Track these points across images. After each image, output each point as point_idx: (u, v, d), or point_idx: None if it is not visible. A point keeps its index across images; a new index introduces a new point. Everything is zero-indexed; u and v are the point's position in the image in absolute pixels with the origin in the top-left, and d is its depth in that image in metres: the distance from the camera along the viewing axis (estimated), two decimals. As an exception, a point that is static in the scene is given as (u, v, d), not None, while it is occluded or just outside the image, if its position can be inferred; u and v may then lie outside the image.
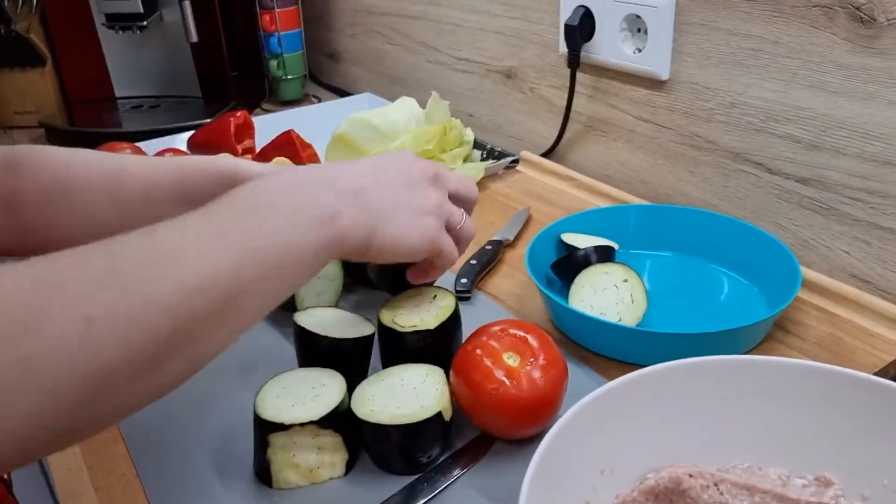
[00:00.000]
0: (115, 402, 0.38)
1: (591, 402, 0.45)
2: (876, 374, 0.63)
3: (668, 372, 0.48)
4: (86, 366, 0.35)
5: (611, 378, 0.62)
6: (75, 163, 0.60)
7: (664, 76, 0.89)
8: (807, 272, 0.74)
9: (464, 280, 0.78)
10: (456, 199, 0.61)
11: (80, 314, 0.35)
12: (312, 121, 1.25)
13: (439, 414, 0.54)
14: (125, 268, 0.38)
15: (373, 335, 0.62)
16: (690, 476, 0.47)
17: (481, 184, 1.03)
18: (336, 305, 0.72)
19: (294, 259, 0.46)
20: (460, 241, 0.61)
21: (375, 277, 0.72)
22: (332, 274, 0.73)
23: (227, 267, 0.41)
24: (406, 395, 0.55)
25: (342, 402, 0.54)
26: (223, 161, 0.61)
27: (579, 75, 1.00)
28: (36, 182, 0.59)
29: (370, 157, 0.58)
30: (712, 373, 0.49)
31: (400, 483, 0.54)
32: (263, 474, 0.54)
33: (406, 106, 1.06)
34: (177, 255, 0.40)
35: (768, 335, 0.68)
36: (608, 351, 0.67)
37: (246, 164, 0.60)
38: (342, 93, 1.55)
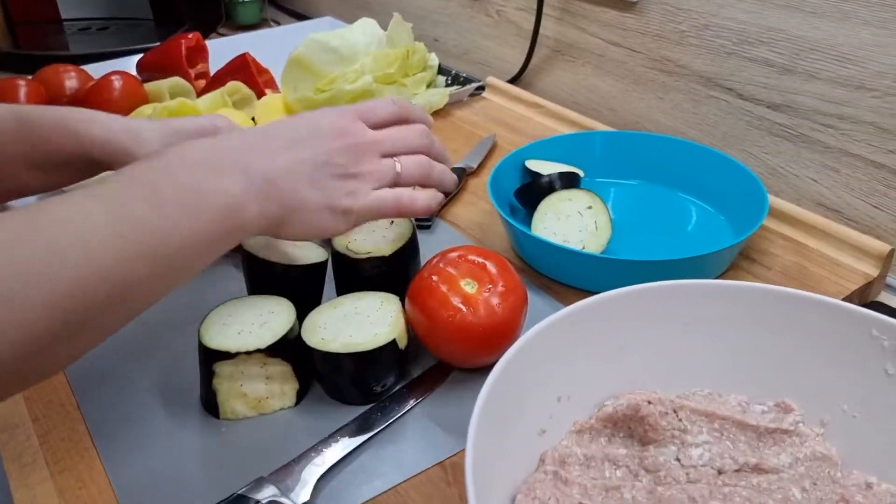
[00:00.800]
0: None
1: (546, 327, 0.43)
2: (840, 301, 0.62)
3: (628, 297, 0.46)
4: None
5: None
6: None
7: (635, -4, 0.86)
8: (774, 200, 0.72)
9: (424, 208, 0.75)
10: (403, 122, 0.57)
11: None
12: (270, 45, 1.19)
13: (393, 342, 0.51)
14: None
15: (326, 262, 0.59)
16: (649, 402, 0.45)
17: (445, 110, 1.00)
18: None
19: (191, 252, 0.44)
20: (428, 181, 0.56)
21: None
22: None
23: (119, 266, 0.39)
24: (360, 323, 0.53)
25: (291, 329, 0.52)
26: (74, 117, 0.57)
27: (547, -4, 0.96)
28: None
29: (294, 122, 0.52)
30: (673, 298, 0.47)
31: (353, 413, 0.52)
32: (210, 405, 0.52)
33: (366, 28, 1.01)
34: (63, 255, 0.37)
35: (734, 264, 0.67)
36: (571, 279, 0.65)
37: (101, 122, 0.56)
38: (303, 17, 1.49)
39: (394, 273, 0.59)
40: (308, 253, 0.59)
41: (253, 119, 0.97)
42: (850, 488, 0.43)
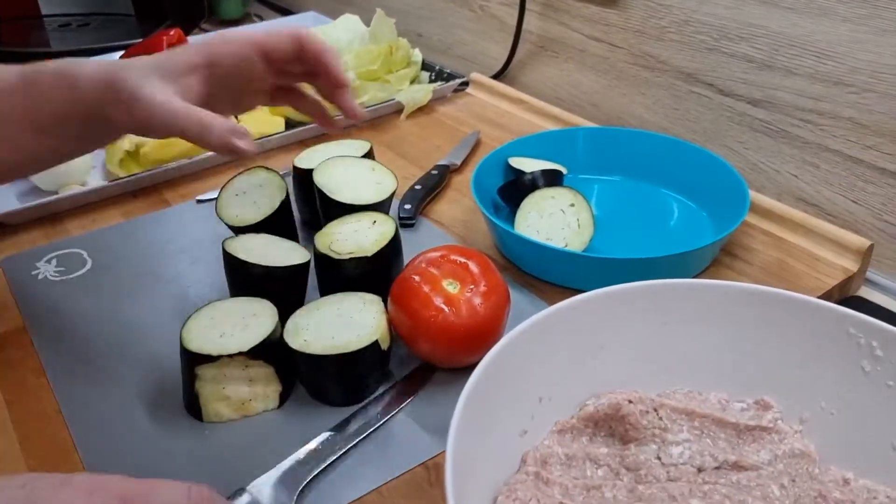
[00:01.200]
0: None
1: (528, 328, 0.43)
2: (820, 297, 0.62)
3: (608, 297, 0.46)
4: None
5: (552, 302, 0.61)
6: None
7: (617, -8, 0.86)
8: (756, 196, 0.73)
9: (407, 206, 0.75)
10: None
11: None
12: (253, 40, 1.19)
13: (376, 343, 0.52)
14: None
15: (308, 263, 0.59)
16: (630, 402, 0.46)
17: (429, 106, 1.00)
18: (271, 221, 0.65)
19: None
20: None
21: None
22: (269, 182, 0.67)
23: None
24: (342, 324, 0.53)
25: (273, 331, 0.52)
26: (68, 61, 0.53)
27: (530, -8, 0.96)
28: None
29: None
30: (653, 298, 0.47)
31: (337, 414, 0.52)
32: (193, 408, 0.52)
33: (349, 24, 1.01)
34: None
35: (715, 260, 0.67)
36: (554, 277, 0.66)
37: (92, 61, 0.53)
38: (286, 11, 1.48)
39: (377, 273, 0.59)
40: (290, 254, 0.59)
41: (236, 116, 0.97)
42: (827, 484, 0.43)
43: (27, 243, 0.73)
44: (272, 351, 0.51)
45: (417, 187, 0.78)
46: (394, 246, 0.60)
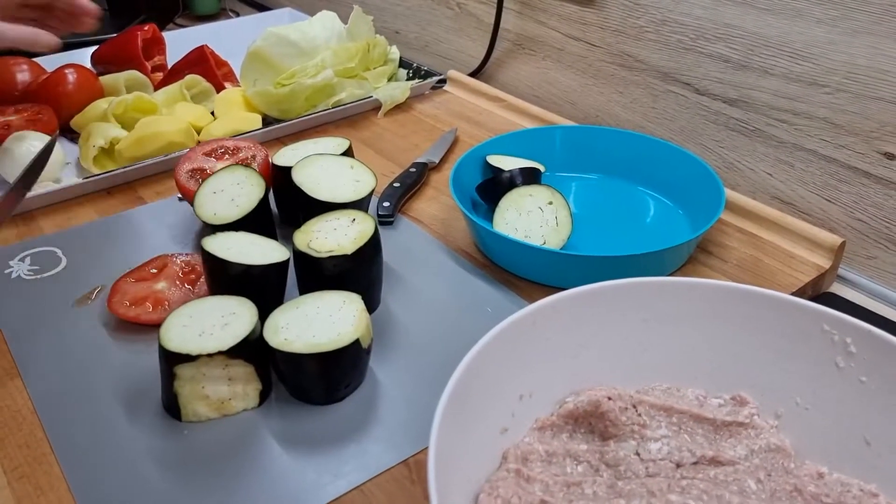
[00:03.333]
0: None
1: (508, 326, 0.44)
2: (793, 294, 0.64)
3: (588, 295, 0.47)
4: None
5: (532, 300, 0.61)
6: None
7: (595, -9, 0.86)
8: (731, 194, 0.74)
9: (386, 204, 0.75)
10: None
11: None
12: (229, 36, 1.18)
13: (357, 342, 0.51)
14: None
15: (287, 261, 0.59)
16: (609, 399, 0.46)
17: (407, 104, 1.00)
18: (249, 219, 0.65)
19: None
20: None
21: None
22: (247, 180, 0.67)
23: None
24: (322, 323, 0.53)
25: (253, 330, 0.51)
26: None
27: (508, -10, 0.96)
28: None
29: None
30: (631, 295, 0.48)
31: (317, 412, 0.52)
32: (172, 407, 0.52)
33: (326, 21, 1.01)
34: None
35: (691, 257, 0.68)
36: (532, 274, 0.66)
37: None
38: (261, 7, 1.47)
39: (356, 271, 0.59)
40: (269, 252, 0.59)
41: (212, 113, 0.96)
42: (802, 478, 0.44)
43: (-1, 241, 0.72)
44: (252, 350, 0.51)
45: (396, 185, 0.78)
46: (373, 244, 0.60)
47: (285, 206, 0.72)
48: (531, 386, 0.46)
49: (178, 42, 1.12)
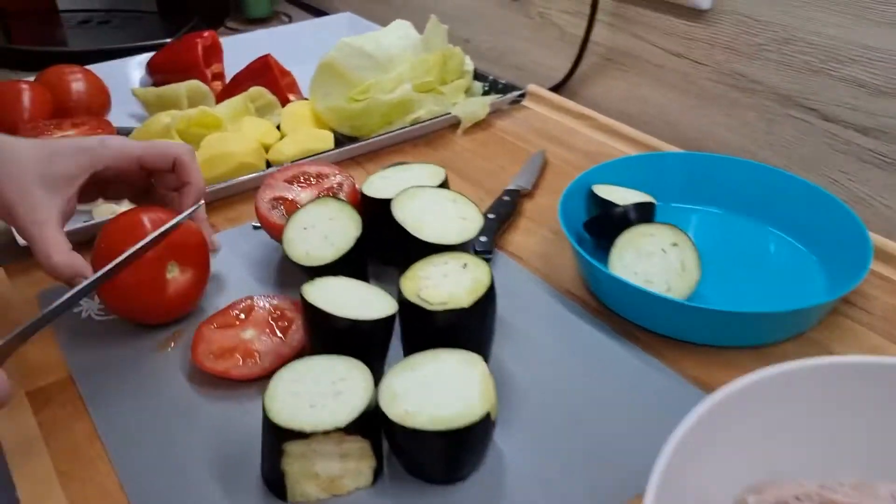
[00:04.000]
0: None
1: (696, 422, 0.37)
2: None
3: (780, 379, 0.40)
4: None
5: (660, 357, 0.57)
6: None
7: (705, 4, 0.79)
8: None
9: (483, 238, 0.68)
10: None
11: None
12: (287, 43, 1.12)
13: (487, 416, 0.45)
14: None
15: (396, 314, 0.53)
16: (797, 499, 0.39)
17: (486, 121, 0.93)
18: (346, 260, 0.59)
19: None
20: None
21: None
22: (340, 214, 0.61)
23: None
24: (443, 390, 0.46)
25: (370, 402, 0.45)
26: None
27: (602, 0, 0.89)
28: None
29: None
30: (827, 376, 0.41)
31: (438, 493, 0.46)
32: (276, 486, 0.46)
33: (401, 31, 0.94)
34: None
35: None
36: (654, 325, 0.59)
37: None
38: (316, 11, 1.41)
39: (472, 327, 0.52)
40: (374, 302, 0.52)
41: (278, 127, 0.90)
42: None
43: (64, 274, 0.66)
44: (369, 423, 0.45)
45: (491, 216, 0.71)
46: (489, 295, 0.53)
47: (378, 244, 0.66)
48: (708, 481, 0.40)
49: (233, 48, 1.07)
